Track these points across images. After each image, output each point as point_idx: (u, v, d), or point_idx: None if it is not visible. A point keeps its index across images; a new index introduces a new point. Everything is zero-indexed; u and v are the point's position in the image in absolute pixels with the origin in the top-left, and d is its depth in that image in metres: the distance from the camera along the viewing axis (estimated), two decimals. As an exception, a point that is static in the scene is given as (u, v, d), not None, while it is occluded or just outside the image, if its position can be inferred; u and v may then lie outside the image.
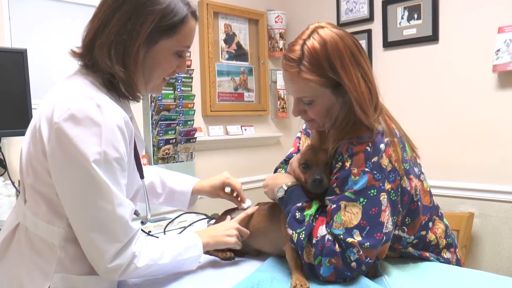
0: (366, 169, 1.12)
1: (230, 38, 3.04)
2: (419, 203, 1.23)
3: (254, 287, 1.11)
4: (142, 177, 1.20)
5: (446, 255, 1.31)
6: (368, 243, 1.10)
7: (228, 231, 1.32)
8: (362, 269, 1.13)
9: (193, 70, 2.64)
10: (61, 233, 1.04)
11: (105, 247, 1.01)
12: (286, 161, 1.56)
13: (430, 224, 1.28)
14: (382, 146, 1.15)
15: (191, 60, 2.64)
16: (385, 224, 1.12)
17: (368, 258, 1.11)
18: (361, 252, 1.10)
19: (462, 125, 2.50)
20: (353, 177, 1.13)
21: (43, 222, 1.05)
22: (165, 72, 1.15)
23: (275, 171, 1.60)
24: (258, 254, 1.39)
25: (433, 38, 2.59)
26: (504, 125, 2.34)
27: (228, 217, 1.44)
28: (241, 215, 1.39)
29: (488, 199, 2.42)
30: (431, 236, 1.28)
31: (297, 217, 1.15)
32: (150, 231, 1.77)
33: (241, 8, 3.05)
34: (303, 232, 1.13)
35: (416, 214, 1.23)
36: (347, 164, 1.14)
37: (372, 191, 1.12)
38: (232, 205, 1.56)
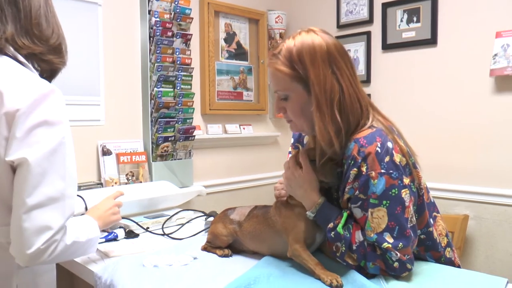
0: (382, 171, 1.14)
1: (230, 37, 3.06)
2: (423, 197, 1.26)
3: (251, 283, 1.14)
4: None
5: (449, 254, 1.33)
6: (401, 244, 1.13)
7: (112, 210, 1.42)
8: (408, 267, 1.15)
9: (193, 68, 2.65)
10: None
11: (53, 222, 1.01)
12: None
13: (431, 220, 1.30)
14: (389, 144, 1.17)
15: (191, 59, 2.65)
16: (409, 219, 1.15)
17: (407, 256, 1.14)
18: (399, 254, 1.12)
19: (458, 127, 2.53)
20: (372, 180, 1.14)
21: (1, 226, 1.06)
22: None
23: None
24: (255, 252, 1.41)
25: (432, 41, 2.61)
26: (499, 129, 2.37)
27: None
28: (114, 192, 1.52)
29: (483, 201, 2.44)
30: (434, 234, 1.29)
31: (333, 236, 1.19)
32: (148, 227, 1.79)
33: (241, 8, 3.06)
34: (344, 245, 1.18)
35: (422, 209, 1.26)
36: (364, 169, 1.15)
37: (393, 190, 1.13)
38: (232, 204, 1.57)
